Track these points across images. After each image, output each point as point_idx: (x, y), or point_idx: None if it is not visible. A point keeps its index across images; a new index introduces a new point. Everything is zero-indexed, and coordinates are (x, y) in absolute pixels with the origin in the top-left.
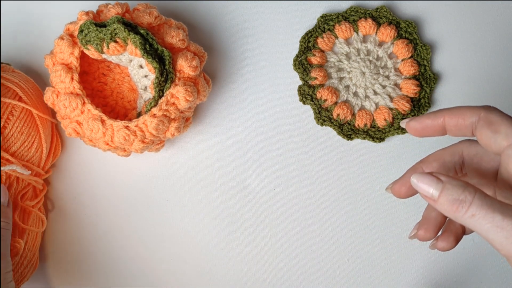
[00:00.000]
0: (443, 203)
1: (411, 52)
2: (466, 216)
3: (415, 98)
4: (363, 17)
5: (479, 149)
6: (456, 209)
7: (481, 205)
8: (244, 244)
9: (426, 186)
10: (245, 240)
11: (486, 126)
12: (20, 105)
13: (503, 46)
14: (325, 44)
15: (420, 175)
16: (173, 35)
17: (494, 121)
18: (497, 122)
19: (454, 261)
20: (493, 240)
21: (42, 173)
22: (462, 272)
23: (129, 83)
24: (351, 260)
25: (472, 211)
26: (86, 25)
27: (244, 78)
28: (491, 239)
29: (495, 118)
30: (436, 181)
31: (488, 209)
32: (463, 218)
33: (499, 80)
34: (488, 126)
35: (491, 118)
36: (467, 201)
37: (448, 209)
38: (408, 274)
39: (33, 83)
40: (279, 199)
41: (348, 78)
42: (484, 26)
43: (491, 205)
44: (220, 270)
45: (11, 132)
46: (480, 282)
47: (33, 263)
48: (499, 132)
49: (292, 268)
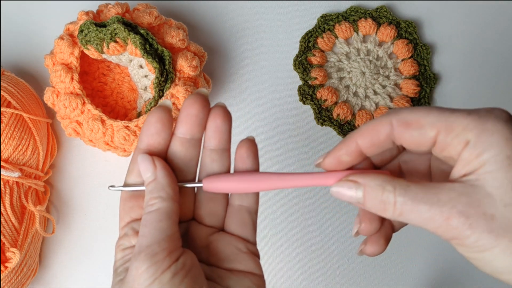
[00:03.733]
0: (370, 207)
1: (411, 52)
2: (396, 215)
3: (415, 98)
4: (363, 17)
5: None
6: (384, 210)
7: (404, 202)
8: None
9: (348, 194)
10: None
11: (406, 128)
12: (9, 111)
13: (502, 46)
14: (325, 44)
15: (338, 185)
16: (173, 35)
17: (410, 120)
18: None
19: (454, 261)
20: (429, 229)
21: (41, 175)
22: (462, 272)
23: (129, 83)
24: (351, 260)
25: (399, 210)
26: (86, 25)
27: (244, 78)
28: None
29: (409, 117)
30: (355, 186)
31: (412, 203)
32: (394, 218)
33: (499, 80)
34: (408, 127)
35: (405, 119)
36: (391, 201)
37: (377, 211)
38: (408, 274)
39: (24, 85)
40: (279, 199)
41: (348, 78)
42: (484, 26)
43: (415, 197)
44: None
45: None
46: (480, 282)
47: (33, 269)
48: (423, 126)
49: (292, 268)
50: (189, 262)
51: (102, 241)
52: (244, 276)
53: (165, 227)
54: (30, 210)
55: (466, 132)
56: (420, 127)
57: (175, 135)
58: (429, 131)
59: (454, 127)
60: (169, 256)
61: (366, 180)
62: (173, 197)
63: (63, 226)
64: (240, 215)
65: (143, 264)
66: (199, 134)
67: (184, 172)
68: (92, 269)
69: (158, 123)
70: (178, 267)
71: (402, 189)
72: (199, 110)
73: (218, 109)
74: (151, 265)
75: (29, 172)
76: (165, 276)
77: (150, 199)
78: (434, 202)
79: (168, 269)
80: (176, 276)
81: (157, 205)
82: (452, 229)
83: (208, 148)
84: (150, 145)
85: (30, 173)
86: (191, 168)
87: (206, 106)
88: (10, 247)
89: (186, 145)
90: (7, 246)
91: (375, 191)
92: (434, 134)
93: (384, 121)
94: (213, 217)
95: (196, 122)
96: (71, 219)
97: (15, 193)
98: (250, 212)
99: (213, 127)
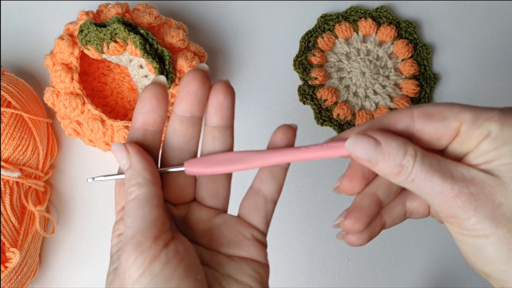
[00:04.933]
0: (384, 168)
1: (411, 52)
2: (407, 181)
3: (415, 98)
4: (363, 17)
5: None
6: (396, 175)
7: (420, 169)
8: None
9: (364, 150)
10: None
11: (429, 120)
12: (9, 111)
13: (503, 46)
14: (325, 44)
15: (355, 138)
16: (173, 35)
17: (432, 112)
18: (436, 110)
19: (454, 261)
20: (432, 203)
21: (41, 175)
22: (462, 272)
23: (129, 83)
24: (351, 260)
25: (413, 176)
26: (86, 25)
27: (244, 78)
28: (430, 202)
29: (432, 109)
30: (374, 144)
31: (427, 173)
32: (403, 183)
33: (499, 80)
34: (431, 119)
35: (427, 111)
36: (409, 166)
37: (387, 174)
38: (408, 274)
39: (24, 85)
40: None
41: (348, 78)
42: (484, 26)
43: (431, 167)
44: None
45: (1, 139)
46: (480, 282)
47: (33, 269)
48: (447, 117)
49: (292, 268)
50: (182, 249)
51: (102, 241)
52: (244, 263)
53: (147, 213)
54: (30, 210)
55: (489, 123)
56: (444, 118)
57: (175, 113)
58: (453, 122)
59: (479, 117)
60: (155, 243)
61: (387, 139)
62: (151, 180)
63: (63, 226)
64: (255, 199)
65: (131, 256)
66: (199, 112)
67: (184, 151)
68: (92, 269)
69: (153, 99)
70: (169, 255)
71: (422, 156)
72: (199, 87)
73: (220, 84)
74: (138, 255)
75: (29, 172)
76: (155, 266)
77: (128, 187)
78: (448, 177)
79: (158, 258)
80: (168, 265)
81: (135, 192)
82: (456, 207)
83: (209, 125)
84: (146, 123)
85: (30, 173)
86: (192, 146)
87: (206, 82)
88: (10, 247)
89: (186, 123)
90: (7, 246)
91: (396, 152)
92: (458, 125)
93: (405, 112)
94: (215, 197)
95: (195, 100)
96: (71, 219)
97: (15, 193)
98: (266, 199)
99: (215, 103)
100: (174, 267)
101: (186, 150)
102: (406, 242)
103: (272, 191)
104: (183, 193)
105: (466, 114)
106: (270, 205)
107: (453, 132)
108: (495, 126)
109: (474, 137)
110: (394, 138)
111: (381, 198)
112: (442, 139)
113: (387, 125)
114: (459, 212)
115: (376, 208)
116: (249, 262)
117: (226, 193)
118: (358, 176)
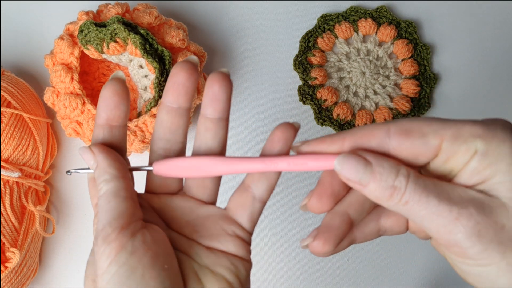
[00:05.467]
0: (374, 189)
1: (411, 52)
2: (400, 204)
3: (415, 98)
4: (363, 17)
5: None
6: (389, 197)
7: (414, 190)
8: None
9: (353, 171)
10: None
11: (407, 137)
12: (9, 111)
13: (502, 46)
14: (325, 44)
15: (343, 157)
16: (173, 35)
17: (410, 128)
18: (414, 126)
19: None
20: (429, 228)
21: (41, 175)
22: None
23: (129, 83)
24: (351, 260)
25: (406, 198)
26: (86, 25)
27: (244, 78)
28: (427, 227)
29: (408, 125)
30: (364, 164)
31: (422, 193)
32: (396, 206)
33: (499, 80)
34: (408, 136)
35: (404, 127)
36: (402, 188)
37: (379, 196)
38: (408, 274)
39: (24, 85)
40: (279, 199)
41: (348, 78)
42: (484, 26)
43: (425, 188)
44: None
45: (1, 139)
46: None
47: (33, 269)
48: (426, 134)
49: (292, 268)
50: (150, 238)
51: None
52: (223, 256)
53: (114, 206)
54: (30, 210)
55: (474, 139)
56: (423, 135)
57: (163, 103)
58: (433, 139)
59: (462, 133)
60: (121, 233)
61: (378, 160)
62: (118, 175)
63: (63, 226)
64: (243, 196)
65: (100, 248)
66: (186, 103)
67: (171, 141)
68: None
69: (114, 96)
70: (136, 244)
71: (415, 176)
72: (186, 79)
73: (217, 75)
74: (106, 247)
75: (29, 172)
76: (121, 256)
77: (98, 184)
78: (445, 198)
79: (124, 247)
80: (134, 255)
81: (103, 189)
82: (458, 232)
83: (203, 115)
84: (110, 120)
85: (30, 173)
86: (179, 137)
87: (193, 74)
88: (10, 247)
89: (173, 114)
90: (7, 246)
91: (388, 173)
92: (438, 142)
93: (380, 128)
94: (202, 189)
95: (182, 91)
96: (71, 219)
97: (15, 193)
98: (254, 197)
99: (210, 94)
100: (140, 257)
101: (173, 140)
102: (406, 242)
103: (262, 191)
104: (168, 184)
105: (446, 130)
106: (258, 204)
107: (433, 149)
108: (481, 142)
109: (460, 155)
110: (385, 159)
111: (352, 217)
112: (421, 157)
113: (360, 141)
114: (462, 238)
115: (347, 228)
116: (228, 256)
117: (213, 185)
118: (327, 194)
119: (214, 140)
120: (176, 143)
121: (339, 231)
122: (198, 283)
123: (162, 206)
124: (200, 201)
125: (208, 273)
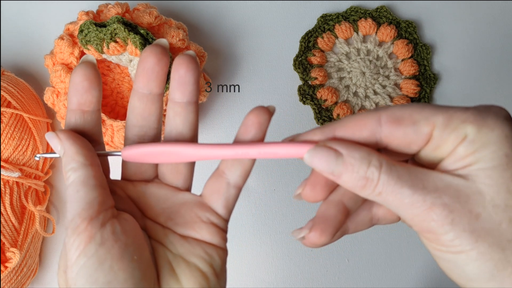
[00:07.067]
0: (348, 181)
1: (411, 52)
2: (374, 194)
3: (415, 98)
4: (363, 17)
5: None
6: (362, 188)
7: (387, 180)
8: (244, 244)
9: (324, 163)
10: (245, 240)
11: (398, 125)
12: (9, 111)
13: (503, 46)
14: (325, 44)
15: (314, 150)
16: (173, 35)
17: (401, 115)
18: (405, 114)
19: None
20: (404, 217)
21: (41, 175)
22: None
23: (129, 83)
24: (351, 260)
25: (379, 189)
26: (86, 25)
27: (244, 78)
28: (402, 215)
29: (400, 113)
30: (334, 155)
31: (395, 184)
32: (371, 196)
33: (499, 80)
34: (399, 124)
35: (396, 114)
36: (374, 179)
37: (353, 187)
38: (408, 274)
39: (24, 85)
40: (279, 199)
41: (348, 78)
42: (484, 26)
43: (399, 178)
44: None
45: (1, 139)
46: None
47: (33, 269)
48: (417, 121)
49: (292, 268)
50: (119, 228)
51: None
52: (197, 244)
53: (83, 195)
54: (30, 210)
55: (465, 125)
56: (414, 122)
57: (134, 90)
58: (424, 126)
59: (453, 120)
60: (90, 224)
61: (349, 150)
62: (86, 162)
63: (63, 226)
64: (217, 182)
65: (69, 239)
66: (158, 88)
67: (144, 128)
68: None
69: (85, 81)
70: (105, 235)
71: (388, 166)
72: (155, 63)
73: (182, 58)
74: (75, 238)
75: (29, 172)
76: (90, 247)
77: (65, 173)
78: (418, 188)
79: (93, 239)
80: (102, 246)
81: (71, 177)
82: (431, 221)
83: (172, 100)
84: (81, 104)
85: (30, 173)
86: (152, 123)
87: (163, 59)
88: (10, 247)
89: (144, 100)
90: (7, 246)
91: (359, 164)
92: (429, 129)
93: (371, 116)
94: (176, 175)
95: (152, 76)
96: None
97: (15, 193)
98: (229, 183)
99: (176, 77)
100: (109, 248)
101: (146, 126)
102: (406, 242)
103: (236, 177)
104: (142, 171)
105: (438, 117)
106: (233, 190)
107: (424, 137)
108: (472, 128)
109: (449, 142)
110: (357, 149)
111: (348, 206)
112: (413, 145)
113: (351, 132)
114: (434, 226)
115: (343, 217)
116: (202, 244)
117: (187, 171)
118: (321, 183)
119: (184, 125)
120: (150, 129)
121: (335, 221)
122: (172, 273)
123: (137, 194)
124: (175, 188)
125: (182, 263)
